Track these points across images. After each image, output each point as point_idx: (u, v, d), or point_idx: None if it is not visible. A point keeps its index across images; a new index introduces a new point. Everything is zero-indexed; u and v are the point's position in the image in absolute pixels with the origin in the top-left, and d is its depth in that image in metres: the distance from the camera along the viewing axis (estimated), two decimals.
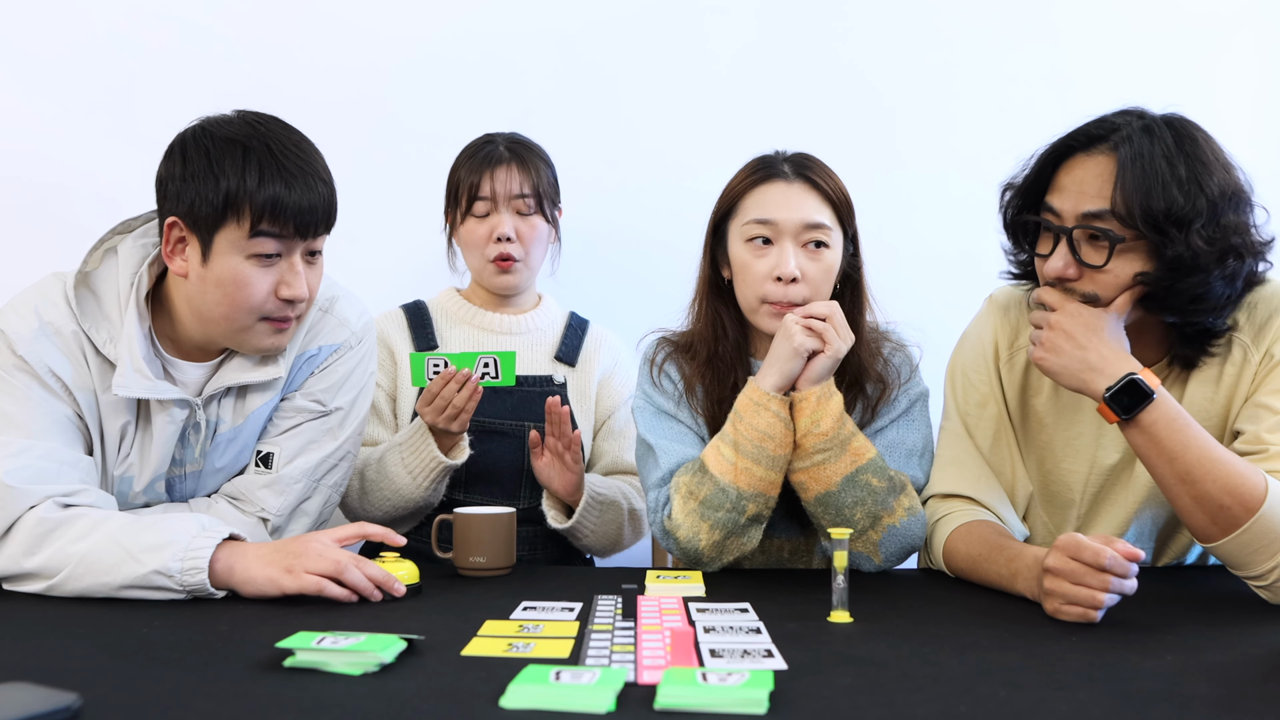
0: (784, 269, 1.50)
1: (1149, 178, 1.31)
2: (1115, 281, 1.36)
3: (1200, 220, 1.30)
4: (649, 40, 2.28)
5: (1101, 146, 1.36)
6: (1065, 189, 1.38)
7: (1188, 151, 1.33)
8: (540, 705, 0.87)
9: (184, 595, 1.27)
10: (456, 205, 1.89)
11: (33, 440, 1.35)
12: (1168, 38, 2.31)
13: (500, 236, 1.84)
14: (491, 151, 1.87)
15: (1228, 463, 1.28)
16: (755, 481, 1.44)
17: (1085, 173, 1.37)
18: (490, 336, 1.93)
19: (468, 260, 1.93)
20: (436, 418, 1.68)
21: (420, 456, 1.72)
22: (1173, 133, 1.35)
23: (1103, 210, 1.34)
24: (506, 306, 1.95)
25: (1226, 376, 1.44)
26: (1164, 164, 1.32)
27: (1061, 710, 0.88)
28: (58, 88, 2.20)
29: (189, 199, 1.37)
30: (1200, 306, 1.36)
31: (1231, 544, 1.27)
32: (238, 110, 1.44)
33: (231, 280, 1.39)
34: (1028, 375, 1.55)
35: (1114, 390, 1.31)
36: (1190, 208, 1.30)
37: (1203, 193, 1.31)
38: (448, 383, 1.66)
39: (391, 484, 1.74)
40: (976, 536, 1.44)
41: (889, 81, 2.30)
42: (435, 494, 1.77)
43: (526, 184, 1.86)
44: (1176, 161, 1.32)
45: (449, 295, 1.98)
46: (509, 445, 1.85)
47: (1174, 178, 1.31)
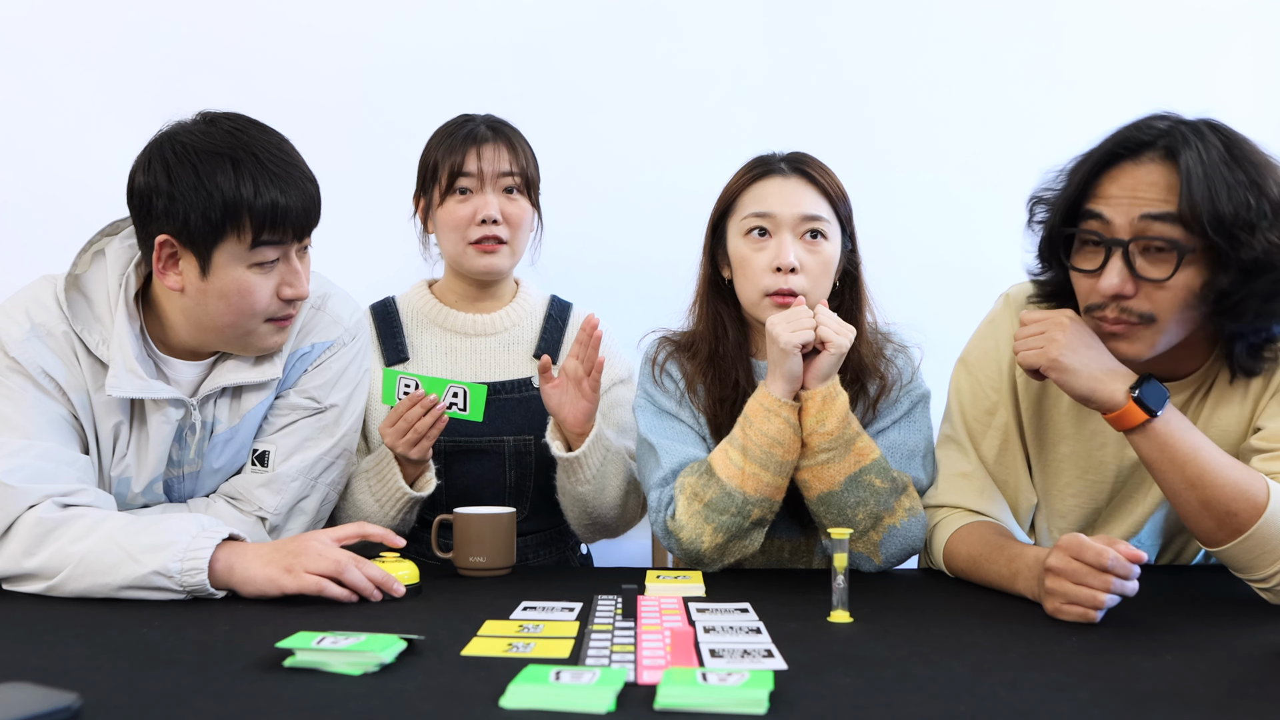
0: (783, 259, 1.51)
1: (1213, 182, 1.25)
2: (1173, 298, 1.29)
3: (1267, 220, 1.26)
4: (645, 42, 2.28)
5: (1151, 153, 1.30)
6: (1115, 199, 1.30)
7: (1242, 154, 1.28)
8: (540, 705, 0.87)
9: (184, 595, 1.27)
10: (433, 185, 1.75)
11: (29, 440, 1.35)
12: (1166, 37, 2.31)
13: (486, 218, 1.72)
14: (474, 129, 1.75)
15: (1233, 468, 1.27)
16: (762, 487, 1.44)
17: (1137, 180, 1.30)
18: (463, 340, 1.81)
19: (445, 245, 1.78)
20: (397, 441, 1.57)
21: (386, 485, 1.63)
22: (1220, 137, 1.29)
23: (1167, 215, 1.28)
24: (482, 301, 1.83)
25: (1253, 388, 1.39)
26: (1224, 169, 1.26)
27: (1061, 710, 0.88)
28: (52, 90, 2.20)
29: (180, 216, 1.34)
30: (1273, 307, 1.30)
31: (1238, 548, 1.26)
32: (201, 114, 1.41)
33: (235, 291, 1.39)
34: (1047, 382, 1.46)
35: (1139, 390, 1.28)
36: (1257, 209, 1.25)
37: (1264, 194, 1.26)
38: (413, 405, 1.56)
39: (360, 511, 1.65)
40: (977, 537, 1.43)
41: (889, 82, 2.30)
42: (405, 523, 1.67)
43: (514, 163, 1.74)
44: (1234, 165, 1.27)
45: (419, 291, 1.86)
46: (489, 462, 1.76)
47: (1237, 181, 1.26)
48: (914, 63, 2.31)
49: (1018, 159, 2.25)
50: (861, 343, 1.58)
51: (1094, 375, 1.30)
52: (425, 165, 1.79)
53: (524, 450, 1.77)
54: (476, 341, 1.82)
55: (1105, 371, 1.30)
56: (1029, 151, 2.26)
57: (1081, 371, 1.30)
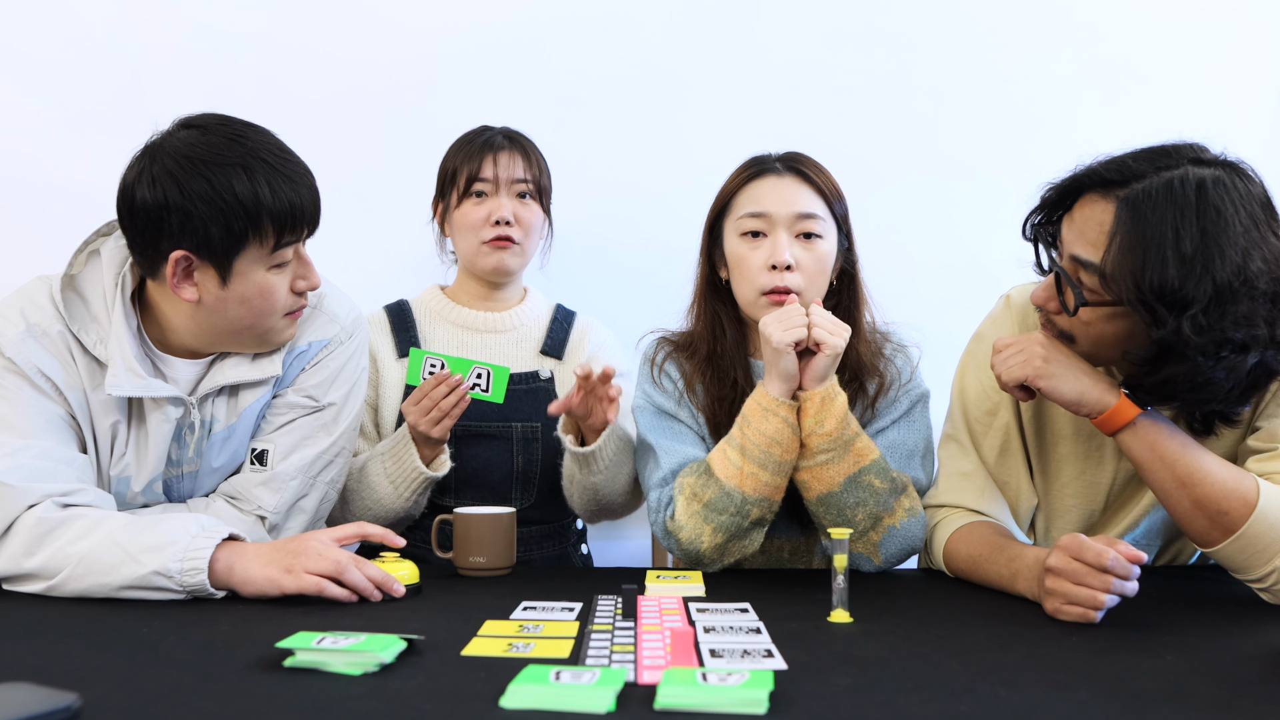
0: (778, 256, 1.51)
1: (1146, 246, 1.18)
2: (1093, 334, 1.30)
3: (1198, 306, 1.16)
4: (646, 43, 2.28)
5: (1115, 190, 1.24)
6: (1073, 223, 1.30)
7: (1206, 224, 1.16)
8: (540, 705, 0.87)
9: (184, 595, 1.27)
10: (451, 190, 1.86)
11: (27, 440, 1.35)
12: (1167, 37, 2.30)
13: (500, 219, 1.81)
14: (491, 138, 1.86)
15: (1223, 467, 1.28)
16: (761, 486, 1.44)
17: (1087, 218, 1.27)
18: (474, 335, 1.89)
19: (460, 245, 1.88)
20: (421, 419, 1.64)
21: (402, 466, 1.68)
22: (1200, 194, 1.18)
23: (1091, 263, 1.25)
24: (492, 301, 1.92)
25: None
26: (1170, 233, 1.17)
27: (1061, 710, 0.88)
28: (50, 87, 2.20)
29: (200, 230, 1.33)
30: (1201, 396, 1.24)
31: (1231, 547, 1.27)
32: (181, 122, 1.39)
33: (258, 294, 1.40)
34: None
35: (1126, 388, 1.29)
36: (1187, 289, 1.16)
37: (1208, 274, 1.15)
38: (439, 384, 1.63)
39: (374, 493, 1.70)
40: (977, 537, 1.43)
41: (888, 83, 2.30)
42: (417, 506, 1.73)
43: (528, 170, 1.85)
44: (1185, 233, 1.16)
45: (432, 293, 1.94)
46: (497, 448, 1.82)
47: (1176, 252, 1.16)
48: (913, 63, 2.30)
49: (1018, 159, 2.27)
50: (860, 342, 1.58)
51: (1081, 380, 1.32)
52: (444, 172, 1.89)
53: (531, 437, 1.83)
54: (487, 337, 1.90)
55: (1091, 376, 1.33)
56: (1029, 152, 2.28)
57: (1068, 377, 1.33)
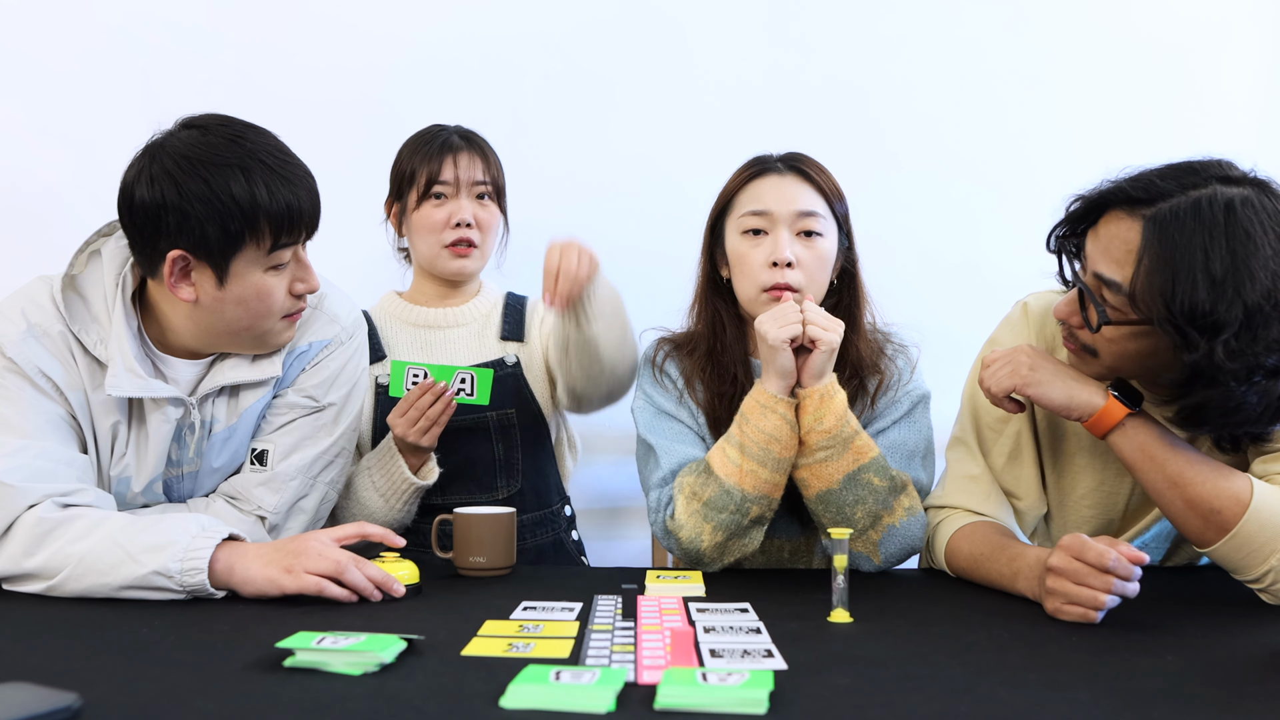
0: (779, 254, 1.51)
1: (1175, 268, 1.15)
2: (1116, 350, 1.28)
3: (1230, 331, 1.13)
4: (646, 44, 2.28)
5: (1141, 209, 1.21)
6: (1098, 239, 1.27)
7: (1235, 246, 1.13)
8: (540, 705, 0.87)
9: (184, 595, 1.27)
10: (409, 191, 1.83)
11: (28, 440, 1.35)
12: (1168, 38, 2.30)
13: (461, 221, 1.80)
14: (447, 139, 1.83)
15: (1215, 466, 1.28)
16: (760, 484, 1.44)
17: (1112, 235, 1.24)
18: (436, 332, 1.88)
19: (419, 247, 1.86)
20: (408, 430, 1.64)
21: (391, 478, 1.68)
22: (1229, 215, 1.15)
23: (1116, 283, 1.22)
24: (450, 299, 1.90)
25: None
26: (1199, 255, 1.14)
27: (1061, 710, 0.88)
28: (51, 91, 2.19)
29: (196, 230, 1.34)
30: (1232, 420, 1.22)
31: (1227, 547, 1.27)
32: (183, 122, 1.39)
33: (255, 295, 1.40)
34: None
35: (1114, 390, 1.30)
36: (1218, 312, 1.13)
37: (1239, 297, 1.13)
38: (424, 394, 1.63)
39: (363, 508, 1.69)
40: (979, 536, 1.43)
41: (889, 83, 2.30)
42: (407, 515, 1.73)
43: (486, 171, 1.84)
44: (1214, 255, 1.13)
45: (390, 299, 1.93)
46: (476, 439, 1.81)
47: (1206, 274, 1.13)
48: (914, 63, 2.30)
49: (1018, 159, 2.27)
50: (860, 340, 1.58)
51: (1068, 384, 1.33)
52: (400, 173, 1.86)
53: (508, 424, 1.83)
54: (449, 332, 1.90)
55: (1078, 380, 1.34)
56: (1029, 152, 2.28)
57: (1055, 382, 1.34)
